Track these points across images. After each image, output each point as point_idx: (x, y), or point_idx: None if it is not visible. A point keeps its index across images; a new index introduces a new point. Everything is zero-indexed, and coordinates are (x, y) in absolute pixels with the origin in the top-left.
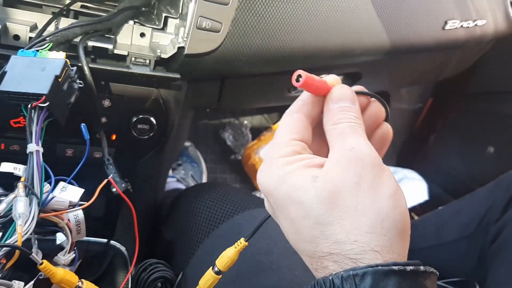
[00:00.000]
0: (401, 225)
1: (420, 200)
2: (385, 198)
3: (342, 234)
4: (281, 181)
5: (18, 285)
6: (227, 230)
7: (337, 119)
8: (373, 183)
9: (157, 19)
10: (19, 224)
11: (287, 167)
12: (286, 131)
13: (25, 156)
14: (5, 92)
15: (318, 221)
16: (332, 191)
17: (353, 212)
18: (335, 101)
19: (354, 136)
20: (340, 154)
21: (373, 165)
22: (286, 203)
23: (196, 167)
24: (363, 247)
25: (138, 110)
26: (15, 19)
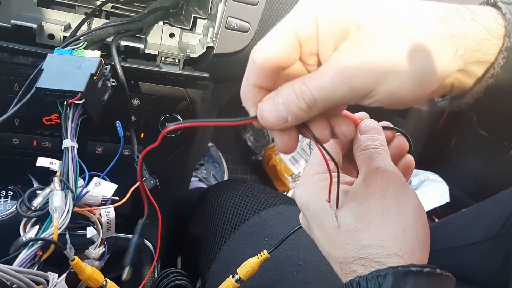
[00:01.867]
0: (422, 236)
1: (441, 202)
2: (408, 211)
3: (369, 240)
4: (316, 194)
5: (53, 276)
6: (253, 226)
7: (365, 146)
8: (397, 197)
9: (186, 20)
10: (55, 217)
11: (321, 182)
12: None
13: (55, 153)
14: (42, 89)
15: (348, 228)
16: (360, 203)
17: (379, 221)
18: (363, 132)
19: (379, 158)
20: (367, 173)
21: (397, 182)
22: (320, 214)
23: (217, 167)
24: (387, 251)
25: (165, 109)
26: (49, 19)
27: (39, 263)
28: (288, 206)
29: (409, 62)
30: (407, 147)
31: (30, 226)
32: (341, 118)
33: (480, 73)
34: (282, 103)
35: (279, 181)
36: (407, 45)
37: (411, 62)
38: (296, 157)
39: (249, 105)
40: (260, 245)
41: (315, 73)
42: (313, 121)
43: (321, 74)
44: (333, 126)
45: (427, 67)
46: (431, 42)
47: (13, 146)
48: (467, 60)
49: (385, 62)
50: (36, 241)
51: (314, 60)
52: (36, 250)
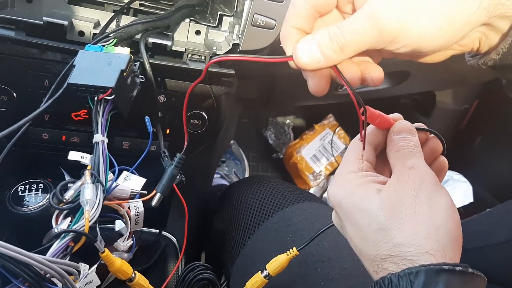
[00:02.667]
0: (454, 235)
1: (465, 202)
2: (441, 209)
3: (401, 238)
4: (350, 193)
5: (84, 267)
6: (277, 222)
7: (399, 147)
8: (430, 196)
9: (212, 17)
10: (86, 209)
11: (355, 180)
12: (354, 153)
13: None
14: (74, 85)
15: (381, 226)
16: (394, 201)
17: (411, 220)
18: (396, 133)
19: (413, 158)
20: (401, 173)
21: (430, 181)
22: (354, 212)
23: (239, 164)
24: (419, 250)
25: (191, 105)
26: (79, 16)
27: (70, 254)
28: (312, 203)
29: (435, 5)
30: (440, 149)
31: (62, 218)
32: (371, 64)
33: (505, 28)
34: (316, 43)
35: (300, 179)
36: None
37: (437, 5)
38: (318, 155)
39: (286, 45)
40: (284, 241)
41: (349, 18)
42: (344, 64)
43: (354, 19)
44: (363, 72)
45: (452, 12)
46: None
47: (43, 140)
48: (491, 13)
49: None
50: (68, 233)
51: (350, 8)
52: (68, 241)
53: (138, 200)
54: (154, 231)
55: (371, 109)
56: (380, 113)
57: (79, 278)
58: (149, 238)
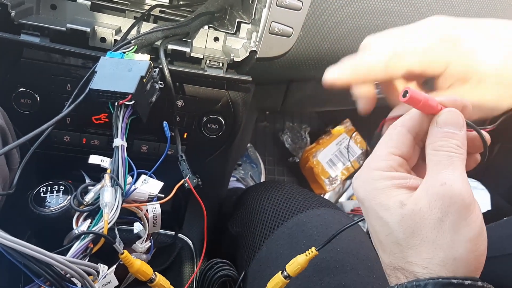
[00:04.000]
0: (473, 267)
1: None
2: (464, 240)
3: (416, 258)
4: (372, 195)
5: (103, 268)
6: (292, 227)
7: (439, 145)
8: (456, 222)
9: (230, 24)
10: (105, 212)
11: (381, 182)
12: (386, 145)
13: (103, 151)
14: (95, 90)
15: (398, 242)
16: (416, 221)
17: (430, 244)
18: (440, 125)
19: (449, 169)
20: (431, 186)
21: (460, 204)
22: (374, 217)
23: (255, 168)
24: (431, 273)
25: (208, 110)
26: (101, 23)
27: (90, 254)
28: (328, 209)
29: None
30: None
31: (82, 220)
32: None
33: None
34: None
35: (316, 183)
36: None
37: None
38: (334, 160)
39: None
40: (299, 247)
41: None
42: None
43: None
44: None
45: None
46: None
47: (64, 143)
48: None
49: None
50: (87, 234)
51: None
52: (87, 242)
53: (155, 203)
54: (170, 233)
55: (413, 90)
56: (425, 95)
57: (98, 278)
58: (165, 240)
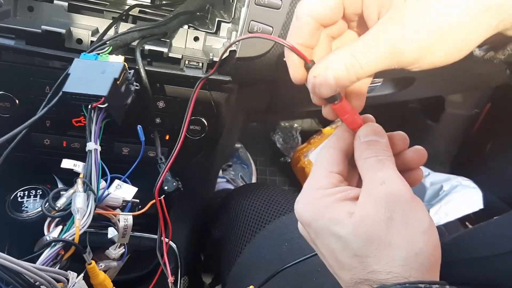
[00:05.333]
0: (434, 259)
1: (474, 208)
2: (419, 233)
3: (378, 265)
4: (320, 215)
5: (72, 275)
6: (273, 230)
7: (366, 154)
8: (406, 218)
9: (211, 24)
10: (77, 218)
11: (325, 199)
12: (323, 164)
13: (84, 153)
14: (68, 93)
15: (356, 253)
16: (367, 227)
17: (387, 246)
18: (363, 137)
19: (383, 170)
20: (372, 189)
21: (404, 199)
22: (326, 235)
23: (246, 168)
24: (397, 277)
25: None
26: (78, 24)
27: (61, 261)
28: None
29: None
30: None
31: (54, 226)
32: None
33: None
34: (333, 77)
35: None
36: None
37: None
38: None
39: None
40: (280, 250)
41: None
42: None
43: (370, 46)
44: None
45: (466, 39)
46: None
47: (45, 146)
48: (500, 28)
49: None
50: (58, 242)
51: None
52: (58, 249)
53: (128, 214)
54: (153, 237)
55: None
56: (352, 109)
57: (68, 286)
58: (148, 244)
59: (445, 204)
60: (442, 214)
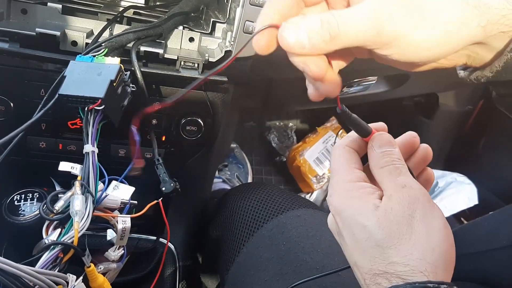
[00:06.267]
0: (449, 256)
1: (469, 204)
2: (437, 231)
3: (397, 257)
4: (349, 204)
5: (72, 278)
6: (272, 229)
7: (383, 162)
8: (426, 216)
9: (206, 24)
10: (76, 220)
11: (354, 191)
12: (346, 161)
13: (80, 156)
14: (64, 96)
15: (378, 244)
16: (391, 220)
17: (408, 240)
18: (377, 147)
19: (402, 175)
20: (394, 191)
21: (424, 200)
22: (352, 224)
23: (241, 168)
24: (413, 270)
25: (186, 112)
26: (73, 26)
27: (60, 264)
28: (307, 209)
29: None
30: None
31: (52, 229)
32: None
33: (499, 46)
34: (304, 28)
35: (303, 182)
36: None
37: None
38: (321, 158)
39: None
40: (278, 249)
41: (346, 9)
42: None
43: (352, 10)
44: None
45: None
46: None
47: (40, 149)
48: (487, 33)
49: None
50: (57, 245)
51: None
52: (57, 252)
53: (127, 216)
54: (151, 238)
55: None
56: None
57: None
58: (146, 245)
59: (441, 200)
60: None
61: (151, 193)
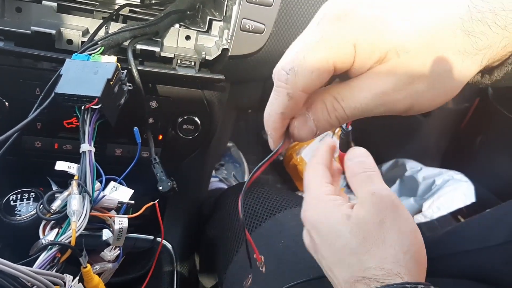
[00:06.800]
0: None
1: (466, 202)
2: (406, 234)
3: (372, 262)
4: (325, 216)
5: (69, 278)
6: (269, 228)
7: (356, 171)
8: (395, 220)
9: (202, 22)
10: (73, 220)
11: (329, 204)
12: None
13: (76, 156)
14: (61, 94)
15: (354, 251)
16: (363, 228)
17: (380, 245)
18: (351, 158)
19: (373, 183)
20: (365, 199)
21: (392, 205)
22: (328, 235)
23: (238, 167)
24: (388, 273)
25: (183, 111)
26: (68, 24)
27: (58, 264)
28: None
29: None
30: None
31: (49, 229)
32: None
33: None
34: (313, 119)
35: (300, 181)
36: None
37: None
38: None
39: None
40: (276, 247)
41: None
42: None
43: (357, 93)
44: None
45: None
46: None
47: (36, 149)
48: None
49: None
50: (54, 245)
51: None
52: (54, 252)
53: (124, 216)
54: (148, 238)
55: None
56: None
57: None
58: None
59: (438, 198)
60: (435, 208)
61: (148, 193)
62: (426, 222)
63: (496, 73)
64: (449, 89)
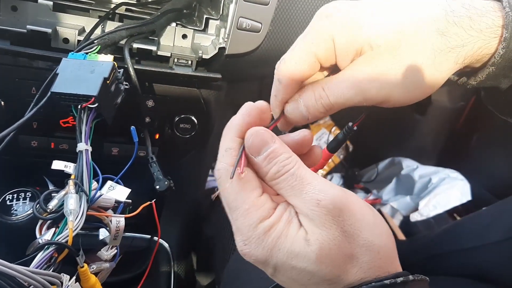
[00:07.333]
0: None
1: (462, 200)
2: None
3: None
4: (276, 249)
5: (66, 278)
6: None
7: (273, 173)
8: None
9: (199, 21)
10: (70, 219)
11: (273, 231)
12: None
13: (73, 155)
14: (57, 93)
15: (324, 278)
16: (329, 250)
17: (351, 259)
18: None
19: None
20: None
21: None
22: (287, 268)
23: None
24: (367, 279)
25: (180, 110)
26: (64, 23)
27: (55, 264)
28: None
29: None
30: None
31: (45, 229)
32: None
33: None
34: (303, 105)
35: None
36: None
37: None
38: None
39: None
40: None
41: (333, 80)
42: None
43: (338, 83)
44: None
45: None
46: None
47: (32, 148)
48: (466, 64)
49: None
50: (51, 244)
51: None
52: (51, 252)
53: (121, 216)
54: (145, 237)
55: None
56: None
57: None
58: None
59: (434, 196)
60: (431, 207)
61: (145, 192)
62: (423, 220)
63: (480, 74)
64: (423, 83)
